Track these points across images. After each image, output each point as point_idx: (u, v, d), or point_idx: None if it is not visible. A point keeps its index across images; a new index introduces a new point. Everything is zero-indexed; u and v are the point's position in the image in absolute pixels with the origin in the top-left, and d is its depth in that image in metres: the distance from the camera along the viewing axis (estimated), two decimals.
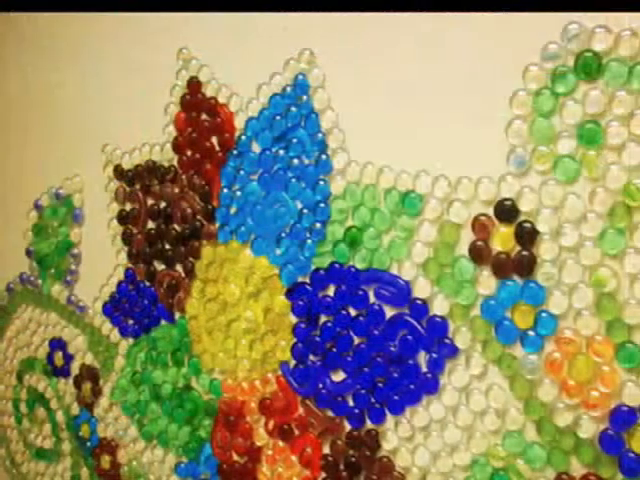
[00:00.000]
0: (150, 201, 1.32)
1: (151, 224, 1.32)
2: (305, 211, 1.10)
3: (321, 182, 1.08)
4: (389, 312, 1.04)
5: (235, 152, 1.18)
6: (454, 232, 0.97)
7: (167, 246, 1.30)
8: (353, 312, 1.08)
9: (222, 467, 1.26)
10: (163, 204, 1.30)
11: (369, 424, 1.08)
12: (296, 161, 1.11)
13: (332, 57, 1.07)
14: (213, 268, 1.23)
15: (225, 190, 1.20)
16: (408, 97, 1.00)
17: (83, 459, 1.49)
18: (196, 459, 1.30)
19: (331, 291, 1.10)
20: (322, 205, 1.08)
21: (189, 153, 1.25)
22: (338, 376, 1.11)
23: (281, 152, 1.12)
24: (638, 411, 0.85)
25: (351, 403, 1.09)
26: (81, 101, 1.42)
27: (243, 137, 1.17)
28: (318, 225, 1.09)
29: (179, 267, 1.29)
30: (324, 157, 1.07)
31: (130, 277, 1.36)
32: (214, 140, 1.21)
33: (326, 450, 1.13)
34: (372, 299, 1.05)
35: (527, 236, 0.91)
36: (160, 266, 1.32)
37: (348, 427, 1.10)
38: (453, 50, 0.95)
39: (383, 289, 1.04)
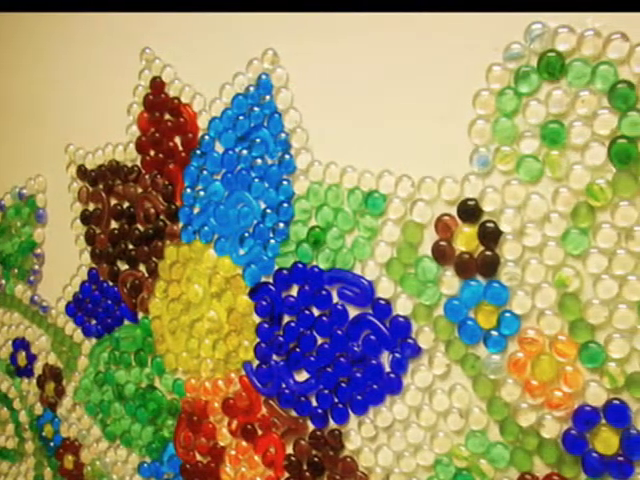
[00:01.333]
0: (113, 201, 1.28)
1: (114, 224, 1.28)
2: (268, 211, 1.07)
3: (284, 182, 1.05)
4: (352, 312, 1.01)
5: (198, 152, 1.15)
6: (417, 232, 0.94)
7: (130, 246, 1.26)
8: (316, 312, 1.05)
9: (185, 467, 1.22)
10: (126, 204, 1.26)
11: (332, 424, 1.05)
12: (259, 161, 1.07)
13: (295, 57, 1.04)
14: (176, 268, 1.19)
15: (188, 190, 1.16)
16: (371, 97, 0.97)
17: (46, 459, 1.44)
18: (159, 459, 1.26)
19: (294, 291, 1.06)
20: (285, 205, 1.05)
21: (152, 153, 1.21)
22: (301, 376, 1.07)
23: (244, 152, 1.09)
24: (601, 411, 0.83)
25: (314, 403, 1.06)
26: (44, 101, 1.37)
27: (206, 137, 1.14)
28: (281, 225, 1.06)
29: (142, 267, 1.25)
30: (287, 157, 1.04)
31: (93, 277, 1.32)
32: (177, 140, 1.18)
33: (289, 450, 1.10)
34: (335, 299, 1.02)
35: (490, 236, 0.88)
36: (123, 266, 1.28)
37: (311, 427, 1.07)
38: (416, 50, 0.93)
39: (346, 289, 1.00)
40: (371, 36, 0.96)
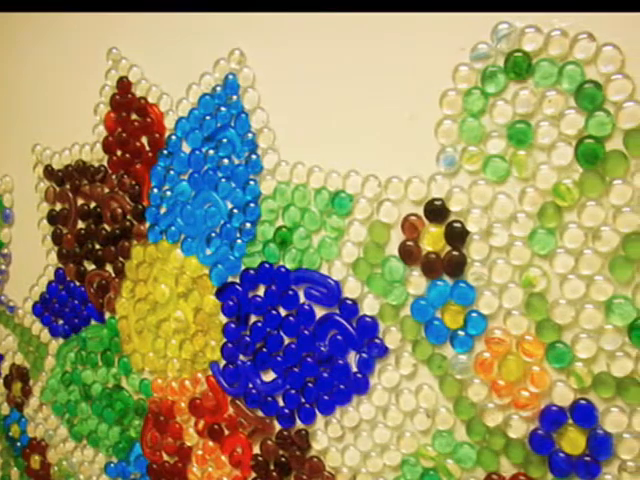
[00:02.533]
0: (80, 201, 1.23)
1: (81, 224, 1.24)
2: (235, 211, 1.03)
3: (251, 182, 1.01)
4: (319, 312, 0.97)
5: (165, 152, 1.11)
6: (384, 232, 0.91)
7: (97, 246, 1.21)
8: (283, 312, 1.01)
9: (152, 467, 1.18)
10: (93, 204, 1.21)
11: (299, 424, 1.01)
12: (226, 161, 1.04)
13: (262, 57, 1.00)
14: (143, 268, 1.15)
15: (155, 190, 1.12)
16: (338, 97, 0.94)
17: (13, 459, 1.39)
18: (126, 459, 1.22)
19: (261, 291, 1.03)
20: (252, 205, 1.01)
21: (119, 153, 1.17)
22: (268, 376, 1.03)
23: (211, 152, 1.05)
24: (568, 411, 0.80)
25: (281, 403, 1.02)
26: (11, 101, 1.32)
27: (173, 137, 1.10)
28: (248, 225, 1.02)
29: (109, 267, 1.20)
30: (254, 157, 1.01)
31: (60, 277, 1.27)
32: (144, 140, 1.14)
33: (256, 450, 1.06)
34: (302, 299, 0.99)
35: (457, 236, 0.85)
36: (90, 266, 1.23)
37: (278, 427, 1.03)
38: (383, 50, 0.89)
39: (313, 289, 0.97)
40: (338, 36, 0.93)
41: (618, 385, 0.77)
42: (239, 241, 1.03)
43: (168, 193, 1.10)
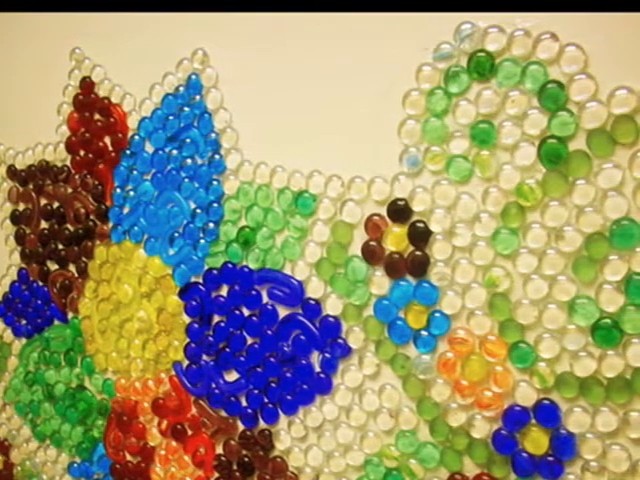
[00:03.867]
0: (43, 201, 1.18)
1: (44, 224, 1.18)
2: (198, 211, 0.99)
3: (214, 182, 0.97)
4: (282, 312, 0.93)
5: (128, 152, 1.06)
6: (347, 232, 0.87)
7: (60, 246, 1.16)
8: (246, 312, 0.97)
9: (115, 467, 1.13)
10: (56, 204, 1.16)
11: (262, 424, 0.97)
12: (189, 161, 0.99)
13: (225, 57, 0.96)
14: (106, 268, 1.10)
15: (118, 190, 1.07)
16: (301, 97, 0.90)
17: None
18: (89, 459, 1.16)
19: (224, 291, 0.98)
20: (215, 205, 0.97)
21: (82, 153, 1.11)
22: (231, 376, 0.99)
23: (174, 152, 1.01)
24: (531, 411, 0.77)
25: (244, 403, 0.98)
26: None
27: (136, 137, 1.05)
28: (211, 225, 0.98)
29: (72, 267, 1.15)
30: (217, 157, 0.96)
31: (23, 277, 1.21)
32: (107, 140, 1.09)
33: (219, 450, 1.02)
34: (265, 299, 0.95)
35: (420, 236, 0.81)
36: (53, 266, 1.18)
37: (241, 427, 0.99)
38: (346, 50, 0.85)
39: (276, 289, 0.93)
40: (300, 36, 0.89)
41: (581, 385, 0.74)
42: (202, 241, 0.99)
43: (131, 193, 1.06)
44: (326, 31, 0.86)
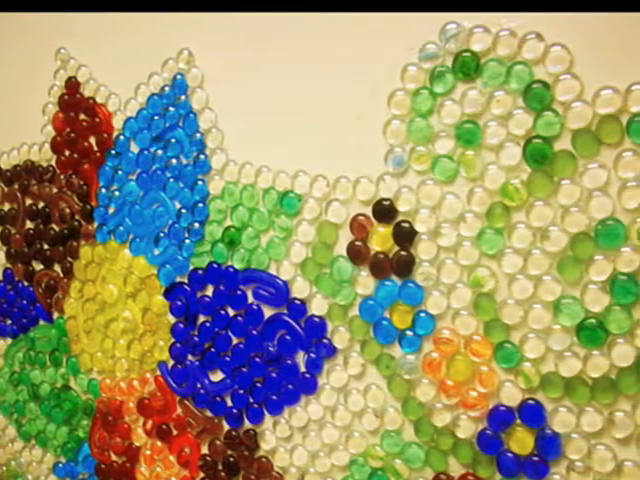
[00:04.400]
0: (28, 201, 1.15)
1: (29, 224, 1.16)
2: (183, 211, 0.97)
3: (199, 182, 0.95)
4: (268, 312, 0.91)
5: (113, 152, 1.03)
6: (332, 232, 0.85)
7: (45, 246, 1.13)
8: (231, 312, 0.95)
9: (100, 467, 1.10)
10: (41, 204, 1.13)
11: (248, 424, 0.95)
12: (174, 161, 0.97)
13: (211, 57, 0.94)
14: (91, 268, 1.08)
15: (103, 190, 1.05)
16: (287, 97, 0.88)
17: None
18: (74, 459, 1.14)
19: (209, 291, 0.96)
20: (200, 205, 0.95)
21: (67, 153, 1.09)
22: (216, 376, 0.97)
23: (159, 152, 0.98)
24: (516, 411, 0.75)
25: (230, 403, 0.96)
26: None
27: (121, 137, 1.02)
28: (196, 225, 0.95)
29: (57, 267, 1.13)
30: (202, 157, 0.94)
31: (8, 277, 1.19)
32: (92, 140, 1.06)
33: (205, 450, 1.00)
34: (250, 299, 0.93)
35: (405, 236, 0.80)
36: (38, 266, 1.15)
37: (226, 427, 0.97)
38: (332, 50, 0.84)
39: (261, 289, 0.91)
40: (286, 36, 0.87)
41: (566, 385, 0.72)
42: (187, 241, 0.97)
43: (116, 193, 1.03)
44: (311, 31, 0.85)
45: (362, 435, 0.86)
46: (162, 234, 0.99)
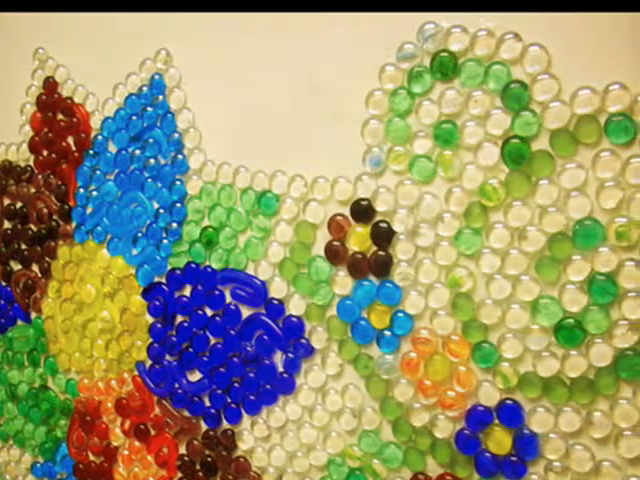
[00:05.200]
0: (6, 201, 1.11)
1: (7, 224, 1.12)
2: (161, 211, 0.94)
3: (177, 182, 0.92)
4: (245, 312, 0.89)
5: (91, 152, 1.00)
6: (310, 232, 0.82)
7: (23, 246, 1.10)
8: (209, 312, 0.92)
9: (78, 467, 1.07)
10: (19, 204, 1.10)
11: (225, 424, 0.92)
12: (152, 161, 0.94)
13: (188, 57, 0.91)
14: (69, 268, 1.04)
15: (81, 190, 1.01)
16: (264, 97, 0.85)
17: None
18: (52, 459, 1.10)
19: (187, 291, 0.93)
20: (178, 205, 0.92)
21: (45, 153, 1.06)
22: (194, 376, 0.94)
23: (137, 152, 0.95)
24: (494, 411, 0.73)
25: (207, 403, 0.93)
26: None
27: (99, 137, 0.99)
28: (174, 225, 0.93)
29: (35, 267, 1.09)
30: (180, 157, 0.92)
31: None
32: (70, 140, 1.03)
33: (182, 450, 0.96)
34: (228, 299, 0.90)
35: (383, 236, 0.77)
36: (16, 266, 1.11)
37: (204, 427, 0.94)
38: (310, 50, 0.81)
39: (239, 289, 0.88)
40: (264, 36, 0.84)
41: (544, 385, 0.70)
42: (165, 241, 0.94)
43: (94, 193, 1.00)
44: (289, 31, 0.82)
45: (340, 435, 0.83)
46: (140, 234, 0.96)
